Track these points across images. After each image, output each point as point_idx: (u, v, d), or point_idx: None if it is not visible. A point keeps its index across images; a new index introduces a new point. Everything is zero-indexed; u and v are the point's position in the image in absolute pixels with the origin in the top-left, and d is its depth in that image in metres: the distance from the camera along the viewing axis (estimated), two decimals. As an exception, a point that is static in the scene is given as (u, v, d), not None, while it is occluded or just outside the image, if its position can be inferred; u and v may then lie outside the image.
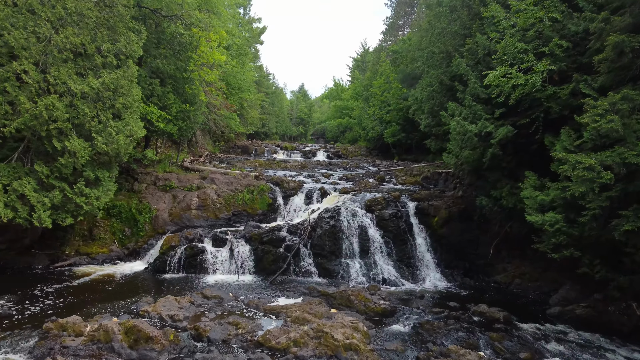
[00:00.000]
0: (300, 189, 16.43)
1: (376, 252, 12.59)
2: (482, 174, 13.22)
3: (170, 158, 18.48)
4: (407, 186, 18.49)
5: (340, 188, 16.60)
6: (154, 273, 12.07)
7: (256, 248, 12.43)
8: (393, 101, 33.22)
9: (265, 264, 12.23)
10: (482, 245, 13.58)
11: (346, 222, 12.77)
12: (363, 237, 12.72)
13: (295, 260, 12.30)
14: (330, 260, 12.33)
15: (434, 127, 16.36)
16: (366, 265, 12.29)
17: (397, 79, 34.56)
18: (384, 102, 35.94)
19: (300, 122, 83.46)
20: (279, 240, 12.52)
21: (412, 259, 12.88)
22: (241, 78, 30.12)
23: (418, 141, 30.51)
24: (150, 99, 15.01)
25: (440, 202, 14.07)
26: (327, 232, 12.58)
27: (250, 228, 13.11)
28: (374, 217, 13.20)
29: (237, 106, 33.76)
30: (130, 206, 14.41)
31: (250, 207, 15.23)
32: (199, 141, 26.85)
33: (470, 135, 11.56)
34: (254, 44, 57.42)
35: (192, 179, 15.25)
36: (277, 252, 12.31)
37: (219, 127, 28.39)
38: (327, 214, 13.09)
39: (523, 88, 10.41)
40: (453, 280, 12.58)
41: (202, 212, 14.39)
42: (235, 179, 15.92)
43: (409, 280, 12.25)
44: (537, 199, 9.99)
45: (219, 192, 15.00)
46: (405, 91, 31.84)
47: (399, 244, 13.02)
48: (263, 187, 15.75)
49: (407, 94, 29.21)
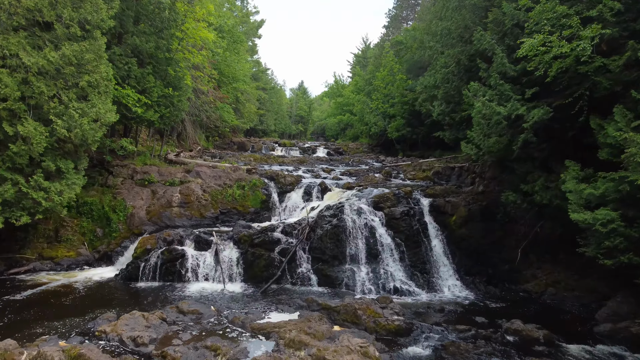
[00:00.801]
0: (297, 184, 14.86)
1: (386, 256, 11.02)
2: (508, 165, 11.65)
3: (154, 151, 16.89)
4: (417, 182, 16.93)
5: (343, 183, 15.03)
6: (126, 281, 10.49)
7: (246, 252, 10.85)
8: (397, 94, 31.74)
9: (256, 270, 10.66)
10: (506, 249, 12.01)
11: (351, 222, 11.19)
12: (370, 238, 11.14)
13: (291, 266, 10.73)
14: (332, 266, 10.76)
15: (449, 115, 14.79)
16: (374, 272, 10.71)
17: (401, 71, 33.07)
18: (387, 95, 34.49)
19: (300, 120, 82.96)
20: (273, 242, 10.95)
21: (427, 264, 11.31)
22: (235, 67, 28.51)
23: (424, 136, 28.99)
24: (127, 80, 13.42)
25: (458, 198, 12.50)
26: (329, 233, 11.01)
27: (239, 228, 11.53)
28: (383, 216, 11.62)
29: (232, 99, 32.18)
30: (103, 203, 12.83)
31: (240, 205, 13.65)
32: (189, 134, 25.26)
33: (498, 118, 9.99)
34: (252, 37, 56.15)
35: (175, 173, 13.67)
36: (270, 257, 10.73)
37: (211, 119, 26.78)
38: (328, 212, 11.52)
39: (562, 62, 8.86)
40: (475, 289, 11.02)
41: (184, 209, 12.81)
42: (225, 172, 14.35)
43: (424, 290, 10.68)
44: (583, 193, 8.41)
45: (205, 187, 13.43)
46: (410, 83, 30.37)
47: (412, 246, 11.45)
48: (256, 181, 14.17)
49: (414, 85, 27.71)
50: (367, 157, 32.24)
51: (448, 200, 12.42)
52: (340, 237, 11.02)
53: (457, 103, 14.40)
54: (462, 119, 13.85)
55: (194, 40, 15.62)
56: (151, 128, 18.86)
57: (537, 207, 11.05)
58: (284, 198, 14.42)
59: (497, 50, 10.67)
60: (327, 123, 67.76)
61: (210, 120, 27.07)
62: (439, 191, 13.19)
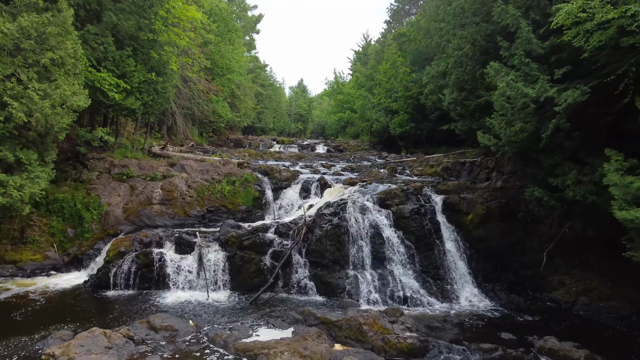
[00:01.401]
0: (294, 179, 13.62)
1: (394, 260, 9.78)
2: (532, 157, 10.41)
3: (137, 143, 15.62)
4: (424, 178, 15.69)
5: (345, 179, 13.79)
6: (95, 289, 9.25)
7: (234, 255, 9.61)
8: (400, 88, 30.60)
9: (245, 276, 9.41)
10: (528, 251, 10.79)
11: (354, 221, 9.95)
12: (376, 240, 9.91)
13: (286, 271, 9.49)
14: (332, 271, 9.52)
15: (462, 103, 13.53)
16: (381, 279, 9.48)
17: (404, 64, 31.92)
18: (390, 90, 33.36)
19: (299, 118, 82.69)
20: (265, 244, 9.70)
21: (441, 269, 10.07)
22: (229, 57, 27.22)
23: (429, 132, 27.81)
24: (104, 63, 12.16)
25: (474, 195, 11.26)
26: (329, 233, 9.77)
27: (227, 228, 10.28)
28: (391, 214, 10.38)
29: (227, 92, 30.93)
30: (76, 200, 11.57)
31: (230, 202, 12.40)
32: (179, 127, 23.98)
33: (524, 101, 8.75)
34: (250, 32, 55.10)
35: (157, 166, 12.42)
36: (261, 261, 9.49)
37: (204, 113, 25.51)
38: (328, 210, 10.27)
39: (603, 33, 7.62)
40: (495, 297, 9.78)
41: (166, 207, 11.56)
42: (213, 166, 13.10)
43: (438, 299, 9.45)
44: (630, 188, 7.17)
45: (191, 182, 12.18)
46: (414, 76, 29.20)
47: (424, 249, 10.21)
48: (247, 176, 12.92)
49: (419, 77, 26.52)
50: (368, 153, 31.05)
51: (463, 197, 11.18)
52: (342, 239, 9.78)
53: (471, 90, 13.16)
54: (477, 106, 12.61)
55: (181, 21, 14.35)
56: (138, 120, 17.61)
57: (567, 204, 9.84)
58: (279, 195, 13.18)
59: (522, 24, 9.43)
60: (327, 121, 66.95)
61: (203, 114, 25.80)
62: (452, 187, 11.96)
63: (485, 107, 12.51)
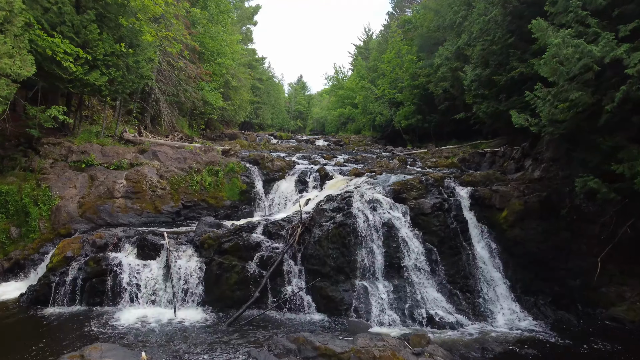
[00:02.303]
0: (289, 170, 11.74)
1: (413, 267, 7.91)
2: (584, 139, 8.54)
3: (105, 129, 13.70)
4: (440, 170, 13.80)
5: (349, 170, 11.91)
6: (32, 305, 7.36)
7: (210, 261, 7.71)
8: (406, 77, 28.89)
9: (224, 288, 7.52)
10: (575, 256, 8.94)
11: (362, 218, 8.07)
12: (391, 242, 8.03)
13: (276, 282, 7.60)
14: (335, 282, 7.63)
15: (488, 80, 11.64)
16: (397, 291, 7.60)
17: (410, 52, 30.18)
18: (394, 80, 31.64)
19: (298, 115, 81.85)
20: (250, 247, 7.81)
21: (470, 278, 8.21)
22: (220, 40, 25.24)
23: (437, 125, 26.08)
24: (59, 28, 10.23)
25: (508, 187, 9.38)
26: (331, 234, 7.88)
27: (204, 227, 8.39)
28: (408, 211, 8.50)
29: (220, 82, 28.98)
30: (23, 193, 9.66)
31: (212, 196, 10.52)
32: (164, 116, 22.03)
33: (586, 63, 6.87)
34: (247, 24, 53.68)
35: (124, 153, 10.50)
36: (245, 269, 7.60)
37: (190, 99, 23.50)
38: (330, 205, 8.38)
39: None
40: (540, 315, 7.93)
41: (132, 201, 9.65)
42: (192, 154, 11.21)
43: (469, 317, 7.58)
44: None
45: (164, 171, 10.28)
46: (421, 64, 27.43)
47: (449, 253, 8.34)
48: (233, 166, 11.03)
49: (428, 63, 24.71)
50: (372, 147, 29.19)
51: (495, 189, 9.30)
52: (348, 241, 7.89)
53: (500, 63, 11.27)
54: (508, 82, 10.72)
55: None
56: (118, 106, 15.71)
57: (628, 198, 7.99)
58: (270, 188, 11.29)
59: (577, -32, 7.53)
60: (327, 118, 65.51)
61: (193, 104, 23.82)
62: (479, 178, 10.08)
63: (519, 82, 10.65)
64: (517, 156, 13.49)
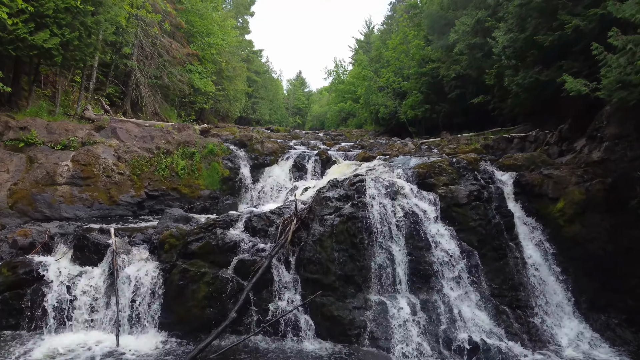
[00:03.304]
0: (283, 154, 9.81)
1: (447, 276, 5.96)
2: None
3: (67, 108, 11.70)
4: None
5: (356, 154, 9.97)
6: None
7: (171, 267, 5.74)
8: (413, 63, 27.08)
9: (189, 305, 5.55)
10: (648, 260, 6.97)
11: (378, 209, 6.11)
12: (416, 242, 6.08)
13: (261, 296, 5.64)
14: (342, 296, 5.67)
15: (529, 42, 9.66)
16: (427, 309, 5.66)
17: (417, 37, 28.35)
18: (399, 68, 29.85)
19: (297, 112, 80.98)
20: (225, 248, 5.84)
21: (521, 290, 6.28)
22: (210, 18, 23.21)
23: (446, 115, 24.21)
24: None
25: (564, 171, 7.43)
26: (337, 230, 5.91)
27: (167, 222, 6.43)
28: (438, 200, 6.55)
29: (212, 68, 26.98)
30: (-58, 178, 7.66)
31: (186, 184, 8.56)
32: (145, 101, 20.00)
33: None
34: (243, 15, 52.29)
35: (75, 130, 8.52)
36: (218, 279, 5.63)
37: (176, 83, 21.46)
38: (334, 192, 6.41)
39: None
40: (618, 339, 6.01)
41: (80, 189, 7.67)
42: (162, 132, 9.24)
43: (525, 344, 5.65)
44: None
45: (123, 152, 8.31)
46: (429, 50, 25.56)
47: (492, 257, 6.40)
48: (213, 147, 9.07)
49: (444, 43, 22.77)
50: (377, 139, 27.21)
51: (547, 174, 7.36)
52: (359, 240, 5.92)
53: (542, 22, 9.28)
54: (557, 41, 8.74)
55: None
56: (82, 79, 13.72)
57: None
58: (260, 175, 9.34)
59: None
60: (327, 114, 63.95)
61: (176, 85, 21.75)
62: (522, 161, 8.15)
63: (571, 42, 8.70)
64: (552, 141, 11.59)
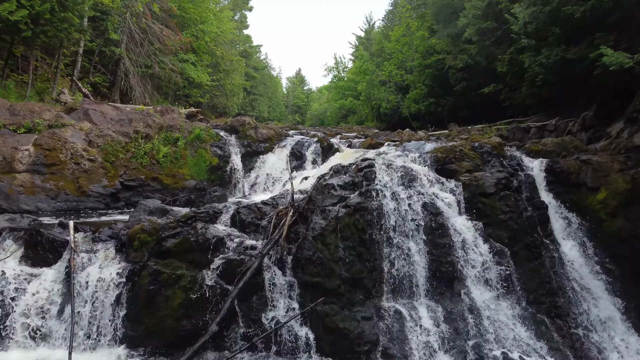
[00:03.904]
0: (279, 141, 8.83)
1: (474, 279, 4.99)
2: None
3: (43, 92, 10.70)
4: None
5: (361, 142, 9.01)
6: None
7: (141, 269, 4.76)
8: (417, 55, 26.27)
9: (162, 315, 4.57)
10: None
11: (391, 199, 5.12)
12: (437, 238, 5.11)
13: (250, 304, 4.66)
14: (349, 304, 4.70)
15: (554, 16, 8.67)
16: (452, 319, 4.69)
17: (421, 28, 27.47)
18: (402, 60, 29.04)
19: (297, 110, 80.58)
20: (207, 246, 4.85)
21: (560, 296, 5.32)
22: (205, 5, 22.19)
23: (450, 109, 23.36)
24: None
25: (604, 157, 6.46)
26: (342, 224, 4.93)
27: (141, 214, 5.47)
28: (461, 189, 5.57)
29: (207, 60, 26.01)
30: None
31: (168, 173, 7.58)
32: (135, 91, 18.99)
33: None
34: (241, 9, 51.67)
35: (41, 112, 7.51)
36: (197, 283, 4.65)
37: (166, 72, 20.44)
38: (338, 179, 5.42)
39: None
40: (678, 355, 5.01)
41: (44, 178, 6.68)
42: (142, 115, 8.25)
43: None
44: None
45: (95, 136, 7.31)
46: (434, 41, 24.65)
47: (525, 257, 5.44)
48: (200, 132, 8.07)
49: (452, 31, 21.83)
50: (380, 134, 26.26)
51: (585, 159, 6.38)
52: (369, 235, 4.95)
53: None
54: (591, 13, 7.75)
55: None
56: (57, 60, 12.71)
57: None
58: (253, 164, 8.37)
59: None
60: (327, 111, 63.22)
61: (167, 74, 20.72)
62: (552, 147, 7.17)
63: (605, 13, 7.72)
64: (575, 129, 10.67)
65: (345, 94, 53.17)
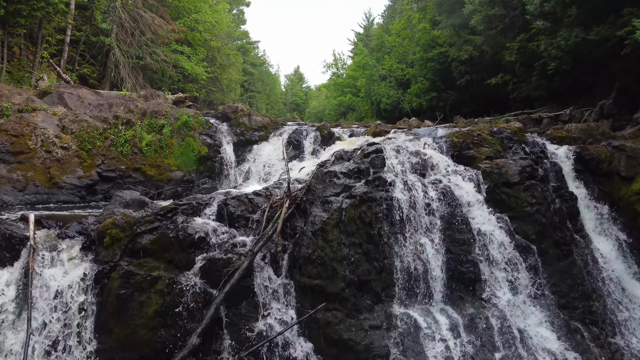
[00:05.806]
0: (276, 129, 8.17)
1: (500, 281, 4.34)
2: None
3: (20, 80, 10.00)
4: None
5: (364, 131, 8.36)
6: None
7: (111, 269, 4.09)
8: (418, 48, 25.64)
9: (135, 325, 3.91)
10: None
11: (401, 188, 4.47)
12: (456, 233, 4.45)
13: (238, 311, 4.00)
14: (355, 310, 4.04)
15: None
16: (474, 328, 4.04)
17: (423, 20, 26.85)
18: (403, 54, 28.43)
19: (295, 107, 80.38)
20: (188, 243, 4.18)
21: (595, 299, 4.68)
22: (197, -7, 21.46)
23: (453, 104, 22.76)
24: None
25: (638, 143, 5.82)
26: (347, 217, 4.28)
27: (115, 207, 4.80)
28: (481, 178, 4.91)
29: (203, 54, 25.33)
30: None
31: (152, 163, 6.91)
32: (126, 83, 18.26)
33: None
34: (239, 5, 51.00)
35: (10, 95, 6.84)
36: (177, 286, 3.98)
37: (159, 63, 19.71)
38: (341, 167, 4.77)
39: None
40: None
41: (10, 168, 6.01)
42: (123, 99, 7.57)
43: (611, 377, 4.02)
44: None
45: (69, 121, 6.64)
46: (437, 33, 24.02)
47: (555, 255, 4.80)
48: (188, 119, 7.40)
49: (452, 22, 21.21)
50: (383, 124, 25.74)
51: (618, 146, 5.75)
52: (378, 230, 4.30)
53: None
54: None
55: None
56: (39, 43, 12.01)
57: None
58: (246, 154, 7.71)
59: None
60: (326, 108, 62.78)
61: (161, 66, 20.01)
62: (577, 133, 6.54)
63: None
64: (591, 118, 10.09)
65: (344, 90, 52.46)
